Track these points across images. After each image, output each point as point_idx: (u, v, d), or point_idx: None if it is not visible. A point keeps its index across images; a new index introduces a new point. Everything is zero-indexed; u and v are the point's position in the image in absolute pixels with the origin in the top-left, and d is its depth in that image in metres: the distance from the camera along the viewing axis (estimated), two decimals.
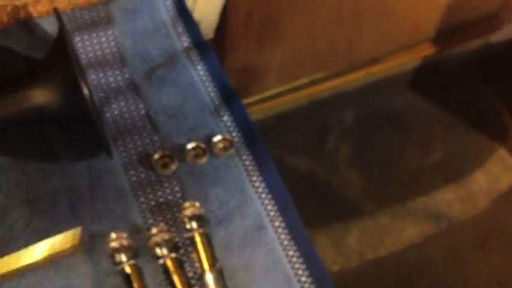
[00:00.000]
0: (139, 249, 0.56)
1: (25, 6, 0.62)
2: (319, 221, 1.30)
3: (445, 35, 1.35)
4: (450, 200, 1.32)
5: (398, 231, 1.28)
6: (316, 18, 1.12)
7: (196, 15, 0.74)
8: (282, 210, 0.61)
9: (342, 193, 1.32)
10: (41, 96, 0.51)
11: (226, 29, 1.02)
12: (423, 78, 1.40)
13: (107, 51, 0.63)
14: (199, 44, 0.66)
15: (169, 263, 0.56)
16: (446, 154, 1.37)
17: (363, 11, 1.17)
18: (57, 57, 0.51)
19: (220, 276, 0.57)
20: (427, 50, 1.36)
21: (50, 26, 0.63)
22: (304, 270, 0.59)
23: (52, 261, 0.55)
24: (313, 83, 1.28)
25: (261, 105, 1.25)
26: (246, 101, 0.65)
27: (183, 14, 0.68)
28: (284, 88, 1.27)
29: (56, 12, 0.52)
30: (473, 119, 1.41)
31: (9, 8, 0.62)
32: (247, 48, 1.11)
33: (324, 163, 1.34)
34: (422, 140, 1.39)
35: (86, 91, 0.49)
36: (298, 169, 1.32)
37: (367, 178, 1.33)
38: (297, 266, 0.59)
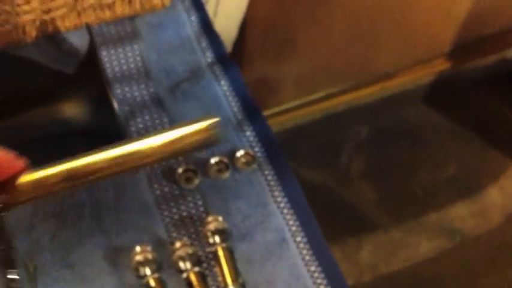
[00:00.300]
0: (163, 263, 0.57)
1: (53, 20, 0.63)
2: (332, 234, 1.30)
3: (460, 50, 1.35)
4: (464, 215, 1.32)
5: (411, 246, 1.28)
6: (333, 33, 1.13)
7: (216, 28, 0.75)
8: (304, 225, 0.62)
9: (355, 207, 1.32)
10: (69, 109, 0.52)
11: (244, 43, 1.03)
12: (438, 93, 1.40)
13: (132, 65, 0.64)
14: (223, 59, 0.67)
15: (192, 277, 0.57)
16: (460, 169, 1.37)
17: (379, 26, 1.17)
18: (86, 72, 0.52)
19: None
20: (442, 65, 1.36)
21: (77, 40, 0.64)
22: (325, 285, 0.59)
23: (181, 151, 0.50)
24: (328, 96, 1.29)
25: (276, 118, 1.26)
26: None
27: (208, 29, 0.69)
28: (300, 102, 1.27)
29: (88, 27, 0.53)
30: (488, 134, 1.41)
31: (37, 23, 0.63)
32: (264, 61, 1.12)
33: (338, 177, 1.35)
34: (436, 154, 1.39)
35: (116, 105, 0.50)
36: (312, 182, 1.33)
37: (381, 192, 1.33)
38: (318, 281, 0.59)
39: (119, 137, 0.55)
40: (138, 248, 0.57)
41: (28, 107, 0.53)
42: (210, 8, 0.89)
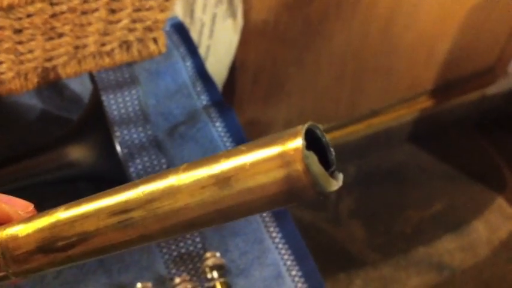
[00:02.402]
0: None
1: (54, 68, 0.66)
2: (323, 272, 1.31)
3: (442, 88, 1.39)
4: (452, 250, 1.34)
5: (401, 281, 1.30)
6: (321, 75, 1.17)
7: None
8: (298, 260, 0.64)
9: (345, 244, 1.34)
10: (75, 153, 0.55)
11: (234, 86, 1.06)
12: (421, 130, 1.44)
13: (130, 109, 0.67)
14: (217, 102, 0.70)
15: None
16: (446, 205, 1.40)
17: (365, 68, 1.21)
18: (89, 117, 0.55)
19: None
20: (425, 103, 1.40)
21: (77, 87, 0.67)
22: None
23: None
24: None
25: None
26: None
27: (202, 74, 0.72)
28: None
29: (91, 75, 0.56)
30: (472, 170, 1.44)
31: (39, 70, 0.66)
32: (254, 104, 1.15)
33: (327, 215, 1.37)
34: (423, 191, 1.42)
35: (118, 148, 0.53)
36: (302, 221, 1.35)
37: (369, 230, 1.35)
38: None
39: (120, 179, 0.57)
40: (139, 285, 0.59)
41: (35, 152, 0.55)
42: (201, 52, 0.92)
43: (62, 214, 0.25)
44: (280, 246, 0.64)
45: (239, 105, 1.11)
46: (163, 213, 0.22)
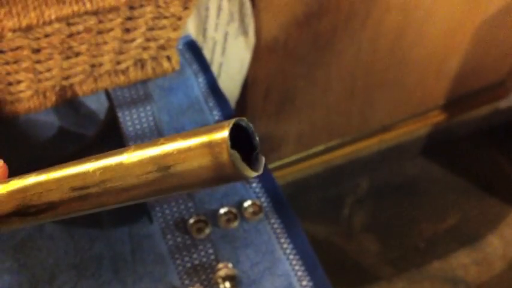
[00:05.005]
0: None
1: (71, 86, 0.68)
2: (337, 287, 1.32)
3: (454, 102, 1.40)
4: (466, 264, 1.34)
5: None
6: (331, 91, 1.18)
7: None
8: (309, 270, 0.65)
9: (358, 259, 1.35)
10: None
11: (247, 102, 1.08)
12: (434, 144, 1.45)
13: (145, 125, 0.69)
14: (229, 117, 0.72)
15: None
16: (459, 219, 1.40)
17: (375, 83, 1.23)
18: (106, 133, 0.57)
19: None
20: (437, 118, 1.41)
21: (93, 104, 0.69)
22: None
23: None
24: (328, 150, 1.33)
25: (277, 173, 1.30)
26: None
27: (215, 90, 0.74)
28: (300, 156, 1.31)
29: (107, 93, 0.58)
30: (485, 184, 1.44)
31: (57, 88, 0.68)
32: (266, 119, 1.17)
33: (340, 229, 1.38)
34: (436, 205, 1.42)
35: None
36: (315, 235, 1.36)
37: (383, 244, 1.36)
38: None
39: None
40: None
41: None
42: (213, 69, 0.94)
43: (32, 179, 0.31)
44: (291, 257, 0.66)
45: (251, 120, 1.12)
46: (115, 191, 0.29)
